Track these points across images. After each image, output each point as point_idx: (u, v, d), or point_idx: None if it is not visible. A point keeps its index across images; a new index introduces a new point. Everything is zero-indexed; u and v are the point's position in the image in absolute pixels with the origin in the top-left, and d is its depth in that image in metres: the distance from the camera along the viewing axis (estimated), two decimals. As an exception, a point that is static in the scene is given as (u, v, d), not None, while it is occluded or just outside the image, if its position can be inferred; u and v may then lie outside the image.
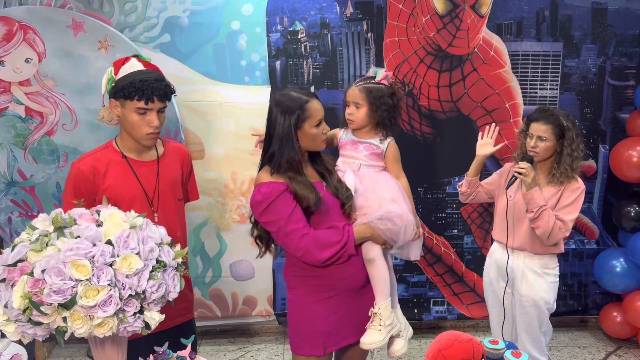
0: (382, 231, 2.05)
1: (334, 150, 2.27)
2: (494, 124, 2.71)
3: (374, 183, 2.11)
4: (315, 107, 1.99)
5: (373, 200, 2.07)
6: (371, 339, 2.06)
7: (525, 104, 3.39)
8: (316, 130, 2.00)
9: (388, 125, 2.15)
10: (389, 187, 2.12)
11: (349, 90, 2.15)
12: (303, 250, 1.96)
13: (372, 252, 2.08)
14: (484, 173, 3.35)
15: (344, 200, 2.06)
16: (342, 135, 2.21)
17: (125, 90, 1.97)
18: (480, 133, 2.71)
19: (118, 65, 2.03)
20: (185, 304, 2.23)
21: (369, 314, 2.10)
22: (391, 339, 2.16)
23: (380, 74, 2.15)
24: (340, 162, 2.20)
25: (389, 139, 2.16)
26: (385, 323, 2.07)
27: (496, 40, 3.31)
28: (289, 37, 3.27)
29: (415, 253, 2.21)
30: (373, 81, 2.14)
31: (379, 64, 3.32)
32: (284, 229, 1.94)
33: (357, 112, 2.12)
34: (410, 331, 2.27)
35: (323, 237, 1.97)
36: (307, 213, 1.99)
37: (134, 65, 2.02)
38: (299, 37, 3.28)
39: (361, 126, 2.14)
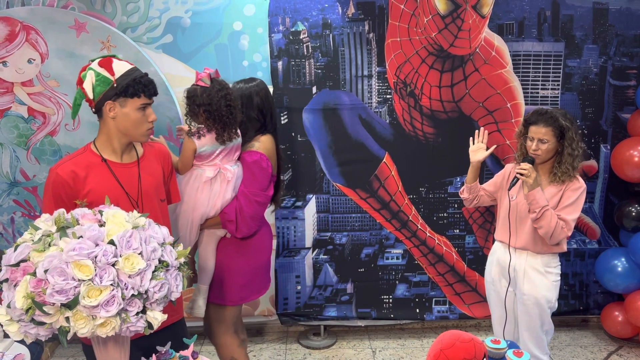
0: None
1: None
2: (482, 128, 2.71)
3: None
4: None
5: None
6: None
7: (526, 104, 3.39)
8: None
9: (210, 126, 2.22)
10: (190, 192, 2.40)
11: None
12: None
13: None
14: (487, 174, 3.36)
15: None
16: None
17: (131, 88, 1.93)
18: (471, 138, 2.73)
19: (107, 66, 1.95)
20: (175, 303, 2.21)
21: None
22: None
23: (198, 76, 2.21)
24: None
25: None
26: None
27: (498, 41, 3.31)
28: (291, 37, 3.28)
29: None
30: (194, 84, 2.18)
31: (381, 64, 3.33)
32: None
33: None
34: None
35: None
36: None
37: (123, 64, 1.97)
38: (301, 37, 3.28)
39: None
